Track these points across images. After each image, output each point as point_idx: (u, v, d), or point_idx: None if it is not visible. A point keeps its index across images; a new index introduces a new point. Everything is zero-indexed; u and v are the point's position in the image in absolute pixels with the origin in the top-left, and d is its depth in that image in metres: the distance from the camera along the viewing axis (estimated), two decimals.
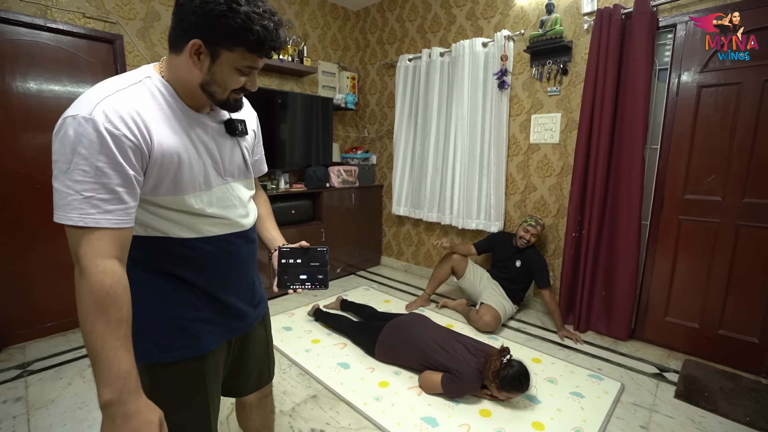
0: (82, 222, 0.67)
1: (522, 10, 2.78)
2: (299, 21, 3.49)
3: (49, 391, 1.89)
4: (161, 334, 0.83)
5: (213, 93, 0.79)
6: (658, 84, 2.31)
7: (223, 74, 0.76)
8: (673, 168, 2.27)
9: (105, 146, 0.67)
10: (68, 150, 0.66)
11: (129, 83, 0.74)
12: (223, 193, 0.87)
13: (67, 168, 0.66)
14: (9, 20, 2.16)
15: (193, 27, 0.72)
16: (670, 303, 2.36)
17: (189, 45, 0.73)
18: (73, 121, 0.67)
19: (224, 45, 0.73)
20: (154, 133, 0.73)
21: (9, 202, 2.25)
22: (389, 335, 2.11)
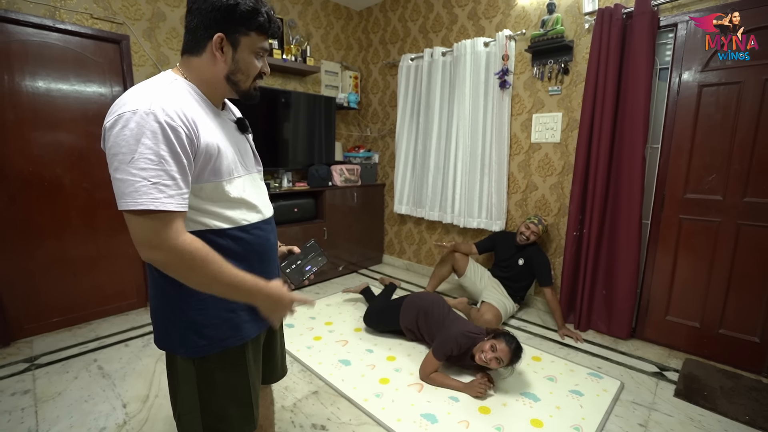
0: (153, 206, 0.71)
1: (523, 10, 2.79)
2: (302, 21, 3.52)
3: (56, 384, 1.93)
4: (208, 328, 0.87)
5: (238, 82, 0.87)
6: (658, 83, 2.32)
7: (245, 60, 0.85)
8: (673, 167, 2.28)
9: (166, 136, 0.73)
10: (132, 141, 0.71)
11: (166, 83, 0.80)
12: (250, 181, 0.94)
13: (132, 158, 0.71)
14: (19, 21, 2.20)
15: (213, 24, 0.80)
16: (671, 302, 2.36)
17: (213, 41, 0.81)
18: (133, 116, 0.71)
19: (241, 31, 0.82)
20: (199, 124, 0.79)
21: (18, 199, 2.30)
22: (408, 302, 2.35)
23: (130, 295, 2.79)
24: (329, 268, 3.51)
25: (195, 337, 0.86)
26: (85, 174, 2.52)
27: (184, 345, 0.87)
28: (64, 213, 2.47)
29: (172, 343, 0.89)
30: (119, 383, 1.94)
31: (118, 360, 2.15)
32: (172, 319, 0.88)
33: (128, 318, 2.70)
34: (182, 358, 0.89)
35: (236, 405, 0.94)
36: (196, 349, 0.87)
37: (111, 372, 2.04)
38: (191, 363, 0.89)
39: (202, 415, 0.91)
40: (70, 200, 2.48)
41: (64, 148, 2.43)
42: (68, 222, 2.48)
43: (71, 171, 2.47)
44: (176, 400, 0.94)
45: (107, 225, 2.63)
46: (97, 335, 2.45)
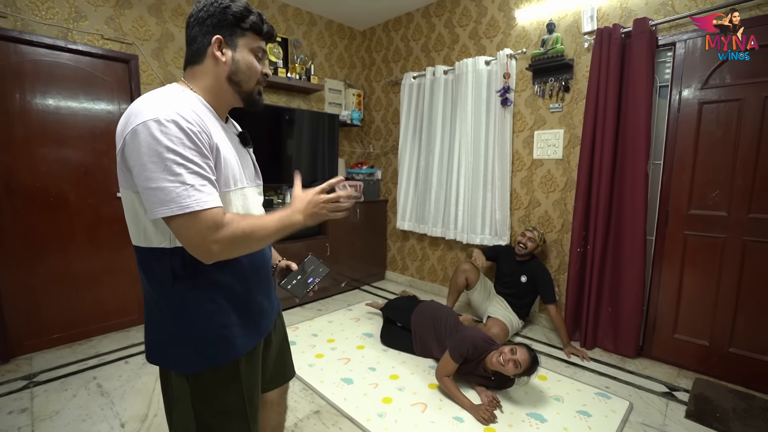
0: (198, 206, 0.73)
1: (523, 30, 2.85)
2: (307, 40, 3.60)
3: (54, 402, 1.90)
4: (202, 344, 0.86)
5: (240, 82, 0.88)
6: (659, 100, 2.34)
7: (245, 59, 0.87)
8: (677, 183, 2.28)
9: (191, 140, 0.75)
10: (160, 149, 0.72)
11: (177, 93, 0.81)
12: (251, 193, 0.95)
13: (164, 166, 0.72)
14: (32, 42, 2.27)
15: (210, 30, 0.84)
16: (679, 320, 2.33)
17: (212, 43, 0.84)
18: (155, 124, 0.72)
19: (237, 33, 0.86)
20: (212, 131, 0.81)
21: (23, 214, 2.32)
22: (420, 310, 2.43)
23: (131, 311, 2.77)
24: (331, 284, 3.49)
25: (188, 353, 0.85)
26: (90, 190, 2.54)
27: (178, 361, 0.86)
28: (68, 228, 2.48)
29: (166, 359, 0.88)
30: (118, 402, 1.91)
31: (118, 378, 2.12)
32: (166, 335, 0.87)
33: (129, 334, 2.68)
34: (176, 374, 0.87)
35: (232, 422, 0.92)
36: (189, 366, 0.86)
37: (110, 390, 2.01)
38: (185, 379, 0.87)
39: None
40: (74, 216, 2.49)
41: (71, 165, 2.46)
42: (72, 237, 2.49)
43: (77, 187, 2.49)
44: (171, 417, 0.92)
45: (110, 241, 2.64)
46: (97, 352, 2.43)
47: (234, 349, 0.89)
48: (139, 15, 2.64)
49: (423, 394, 2.01)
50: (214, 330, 0.86)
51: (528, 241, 2.63)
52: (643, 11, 2.31)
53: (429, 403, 1.93)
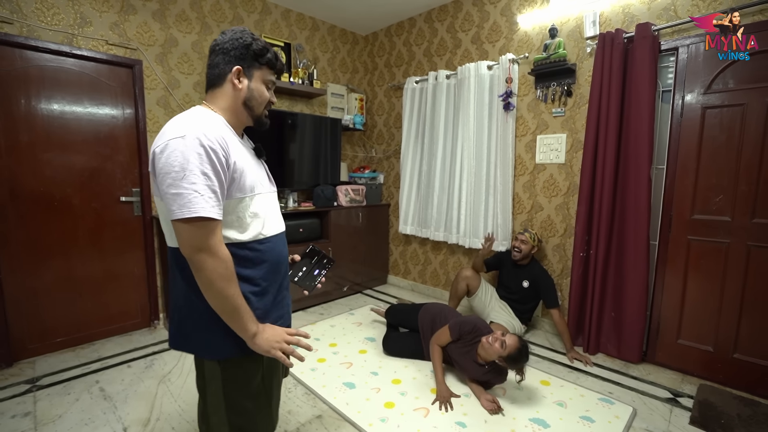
0: (203, 213, 0.84)
1: (526, 35, 2.85)
2: (310, 45, 3.62)
3: (57, 406, 1.90)
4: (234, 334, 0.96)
5: (253, 107, 1.03)
6: (661, 105, 2.34)
7: (258, 89, 1.02)
8: (680, 188, 2.27)
9: (209, 157, 0.86)
10: (182, 161, 0.84)
11: (202, 115, 0.94)
12: (268, 198, 1.06)
13: (183, 175, 0.84)
14: (38, 48, 2.29)
15: (233, 60, 0.98)
16: (682, 325, 2.31)
17: (232, 72, 0.98)
18: (182, 141, 0.85)
19: (254, 66, 1.01)
20: (231, 148, 0.93)
21: (27, 218, 2.33)
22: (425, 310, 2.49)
23: (134, 314, 2.78)
24: (333, 288, 3.49)
25: (219, 341, 0.96)
26: (94, 194, 2.56)
27: (210, 348, 0.98)
28: (72, 233, 2.49)
29: (199, 347, 0.99)
30: (120, 406, 1.91)
31: (120, 381, 2.13)
32: (198, 326, 0.97)
33: (132, 338, 2.68)
34: (209, 360, 1.00)
35: (256, 403, 1.03)
36: (219, 352, 0.98)
37: (113, 394, 2.01)
38: (217, 364, 0.99)
39: (228, 414, 1.00)
40: (78, 220, 2.51)
41: (75, 169, 2.47)
42: (75, 241, 2.50)
43: (81, 191, 2.51)
44: (205, 400, 1.04)
45: (114, 245, 2.65)
46: (100, 356, 2.43)
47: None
48: (144, 21, 2.66)
49: (425, 398, 2.00)
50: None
51: (521, 244, 2.63)
52: (645, 16, 2.31)
53: (431, 408, 1.93)
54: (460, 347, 2.08)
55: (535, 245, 2.65)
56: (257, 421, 1.04)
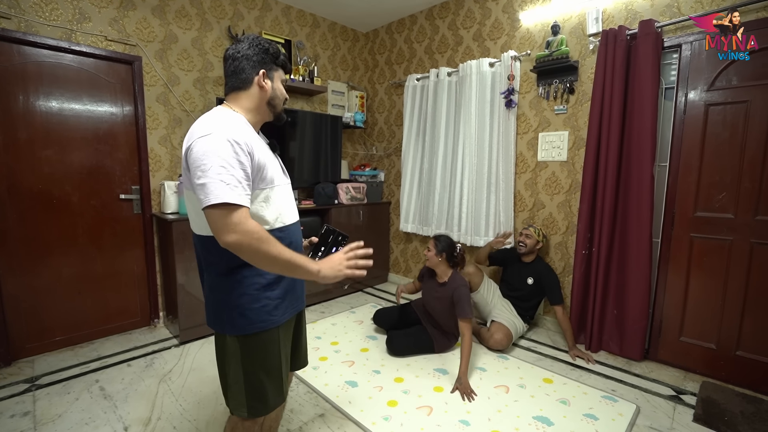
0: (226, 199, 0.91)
1: (528, 32, 2.84)
2: (310, 42, 3.60)
3: (57, 406, 1.88)
4: (250, 311, 1.07)
5: (275, 105, 1.16)
6: (664, 102, 2.33)
7: (279, 88, 1.16)
8: (683, 185, 2.27)
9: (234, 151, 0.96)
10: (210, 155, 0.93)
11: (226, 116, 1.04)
12: (285, 189, 1.17)
13: (210, 167, 0.93)
14: (36, 43, 2.26)
15: (257, 64, 1.10)
16: (685, 322, 2.31)
17: (258, 76, 1.10)
18: (210, 138, 0.95)
19: (273, 68, 1.14)
20: (253, 144, 1.03)
21: (26, 216, 2.31)
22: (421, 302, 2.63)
23: (134, 313, 2.76)
24: (334, 286, 3.47)
25: (239, 318, 1.07)
26: (93, 192, 2.53)
27: (231, 324, 1.08)
28: (71, 230, 2.47)
29: (222, 323, 1.09)
30: (121, 405, 1.90)
31: (120, 381, 2.11)
32: (223, 304, 1.08)
33: (131, 337, 2.66)
34: (230, 336, 1.09)
35: (270, 378, 1.14)
36: (240, 328, 1.08)
37: (113, 393, 1.99)
38: (236, 340, 1.09)
39: (245, 385, 1.11)
40: (77, 218, 2.48)
41: (74, 167, 2.45)
42: (75, 239, 2.48)
43: (80, 189, 2.48)
44: (226, 373, 1.14)
45: (113, 242, 2.63)
46: (99, 355, 2.41)
47: (274, 318, 1.11)
48: (143, 16, 2.63)
49: (428, 397, 1.99)
50: (261, 301, 1.08)
51: (525, 238, 2.63)
52: (648, 13, 2.30)
53: (434, 406, 1.92)
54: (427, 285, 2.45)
55: (540, 240, 2.65)
56: (270, 393, 1.15)
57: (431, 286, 2.44)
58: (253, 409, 1.13)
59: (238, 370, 1.11)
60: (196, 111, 2.93)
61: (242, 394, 1.12)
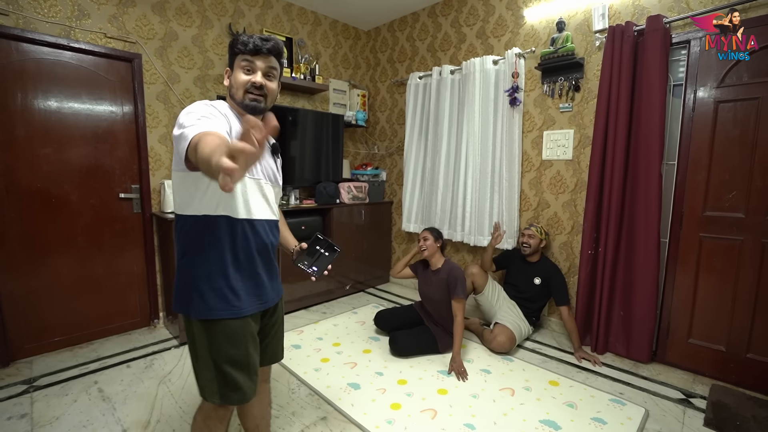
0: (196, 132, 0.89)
1: (532, 29, 2.80)
2: (311, 40, 3.57)
3: (55, 407, 1.85)
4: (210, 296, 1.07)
5: (233, 95, 1.11)
6: (673, 100, 2.29)
7: (235, 76, 1.11)
8: (691, 184, 2.22)
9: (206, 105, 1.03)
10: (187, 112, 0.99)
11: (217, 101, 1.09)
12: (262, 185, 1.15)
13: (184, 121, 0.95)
14: (35, 40, 2.23)
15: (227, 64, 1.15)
16: (694, 324, 2.27)
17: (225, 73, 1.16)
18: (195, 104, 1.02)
19: (234, 58, 1.12)
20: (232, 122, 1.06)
21: (24, 215, 2.28)
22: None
23: (133, 313, 2.73)
24: (336, 287, 3.44)
25: (200, 302, 1.07)
26: (92, 191, 2.50)
27: (193, 307, 1.08)
28: (70, 230, 2.44)
29: (186, 306, 1.09)
30: (120, 407, 1.86)
31: (119, 382, 2.08)
32: (187, 286, 1.09)
33: (131, 338, 2.63)
34: (194, 319, 1.09)
35: (238, 371, 1.11)
36: (200, 312, 1.07)
37: (111, 395, 1.96)
38: (200, 324, 1.08)
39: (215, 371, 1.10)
40: (76, 217, 2.45)
41: (73, 165, 2.42)
42: (74, 239, 2.45)
43: (79, 188, 2.45)
44: (195, 357, 1.13)
45: (112, 242, 2.60)
46: (98, 355, 2.38)
47: (235, 310, 1.09)
48: (143, 13, 2.60)
49: (432, 400, 1.96)
50: (221, 288, 1.07)
51: (529, 238, 2.59)
52: (656, 8, 2.26)
53: (438, 409, 1.88)
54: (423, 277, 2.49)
55: (543, 239, 2.61)
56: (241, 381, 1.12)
57: (426, 277, 2.48)
58: (225, 397, 1.12)
59: (206, 356, 1.10)
60: None
61: (213, 381, 1.11)
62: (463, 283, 2.31)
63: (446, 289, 2.35)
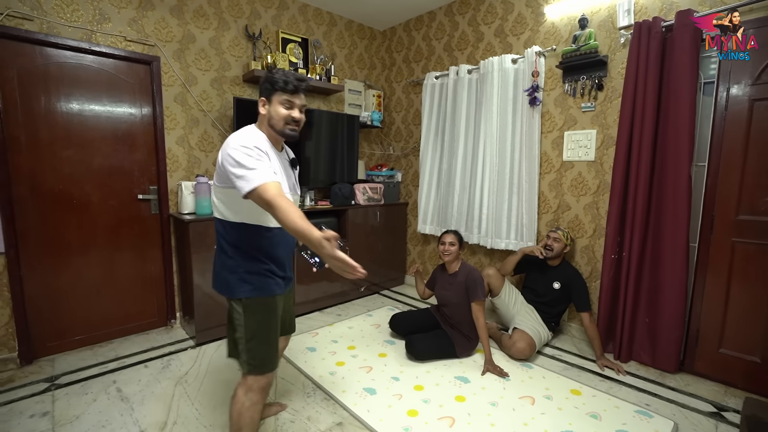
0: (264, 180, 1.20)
1: (553, 26, 2.72)
2: (327, 41, 3.56)
3: (75, 406, 1.88)
4: (255, 281, 1.36)
5: (273, 125, 1.37)
6: (703, 98, 2.19)
7: (275, 109, 1.36)
8: (723, 186, 2.12)
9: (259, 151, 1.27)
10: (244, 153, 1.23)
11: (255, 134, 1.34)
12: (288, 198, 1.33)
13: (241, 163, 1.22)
14: (57, 44, 2.27)
15: (261, 93, 1.39)
16: (725, 333, 2.16)
17: (260, 104, 1.39)
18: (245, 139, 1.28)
19: (272, 93, 1.36)
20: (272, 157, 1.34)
21: (47, 217, 2.32)
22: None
23: (151, 313, 2.76)
24: (350, 289, 3.42)
25: (244, 284, 1.35)
26: (112, 192, 2.54)
27: (239, 289, 1.35)
28: (91, 230, 2.48)
29: (231, 289, 1.36)
30: (137, 407, 1.88)
31: (137, 382, 2.09)
32: (232, 275, 1.35)
33: (149, 337, 2.66)
34: (236, 300, 1.36)
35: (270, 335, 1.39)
36: (244, 292, 1.35)
37: (129, 395, 1.98)
38: (240, 303, 1.36)
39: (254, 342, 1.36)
40: (97, 218, 2.49)
41: (93, 167, 2.46)
42: (94, 239, 2.49)
43: (100, 189, 2.49)
44: (234, 332, 1.39)
45: (131, 242, 2.63)
46: (117, 354, 2.41)
47: (271, 289, 1.39)
48: (161, 17, 2.63)
49: (450, 407, 1.91)
50: (261, 273, 1.37)
51: (553, 242, 2.51)
52: (686, 2, 2.17)
53: (457, 417, 1.83)
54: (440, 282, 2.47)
55: (568, 244, 2.53)
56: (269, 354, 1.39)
57: (444, 280, 2.46)
58: (273, 364, 1.40)
59: (265, 330, 1.37)
60: (213, 111, 2.91)
61: (267, 353, 1.37)
62: (482, 285, 2.31)
63: (465, 292, 2.31)
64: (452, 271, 2.40)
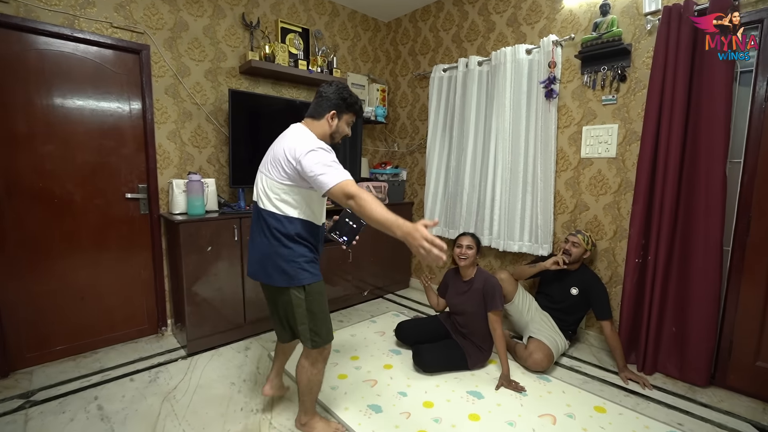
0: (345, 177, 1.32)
1: (571, 13, 2.55)
2: (329, 32, 3.38)
3: (49, 427, 1.69)
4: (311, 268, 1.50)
5: (333, 137, 1.55)
6: (739, 89, 2.01)
7: (341, 127, 1.56)
8: (762, 185, 1.94)
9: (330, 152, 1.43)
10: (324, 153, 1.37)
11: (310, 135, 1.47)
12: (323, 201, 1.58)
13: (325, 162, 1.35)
14: (36, 30, 2.09)
15: (332, 105, 1.51)
16: (762, 344, 1.99)
17: (328, 114, 1.51)
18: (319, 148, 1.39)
19: (344, 111, 1.54)
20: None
21: (25, 217, 2.14)
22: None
23: (140, 320, 2.58)
24: (353, 293, 3.24)
25: (303, 272, 1.47)
26: (97, 190, 2.36)
27: (298, 277, 1.47)
28: (74, 232, 2.30)
29: (290, 279, 1.46)
30: (119, 428, 1.70)
31: (121, 398, 1.91)
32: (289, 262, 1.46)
33: (137, 346, 2.48)
34: (295, 288, 1.48)
35: (325, 315, 1.55)
36: (305, 279, 1.47)
37: (111, 413, 1.79)
38: (302, 290, 1.48)
39: (317, 321, 1.51)
40: (80, 218, 2.31)
41: (77, 163, 2.28)
42: (77, 242, 2.31)
43: (83, 187, 2.31)
44: (295, 318, 1.51)
45: (119, 245, 2.45)
46: (102, 366, 2.23)
47: (321, 274, 1.54)
48: (151, 2, 2.45)
49: (463, 427, 1.73)
50: (314, 261, 1.53)
51: (572, 246, 2.33)
52: None
53: None
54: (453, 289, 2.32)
55: (588, 249, 2.35)
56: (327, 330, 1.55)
57: (457, 287, 2.30)
58: (326, 337, 1.54)
59: (323, 309, 1.53)
60: (207, 104, 2.73)
61: (328, 327, 1.56)
62: (501, 293, 2.17)
63: (482, 301, 2.14)
64: (467, 277, 2.23)
